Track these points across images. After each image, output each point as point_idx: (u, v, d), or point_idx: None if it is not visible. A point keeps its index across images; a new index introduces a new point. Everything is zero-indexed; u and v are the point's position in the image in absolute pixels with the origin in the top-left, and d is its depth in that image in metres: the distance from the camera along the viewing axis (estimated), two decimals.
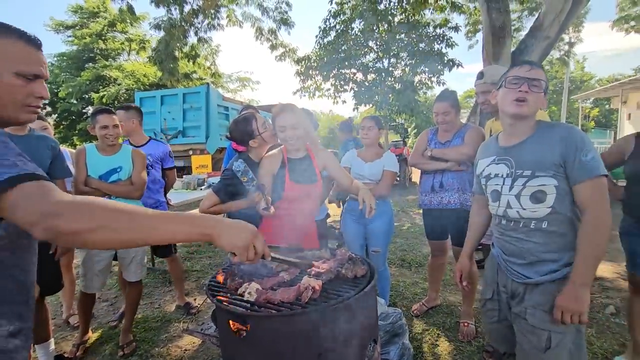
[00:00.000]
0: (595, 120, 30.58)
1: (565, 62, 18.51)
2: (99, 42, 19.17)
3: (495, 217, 1.53)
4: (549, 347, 1.34)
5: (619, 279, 3.54)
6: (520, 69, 1.38)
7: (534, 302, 1.38)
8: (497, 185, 1.47)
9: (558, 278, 1.35)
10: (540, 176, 1.33)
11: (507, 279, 1.50)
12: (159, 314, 3.08)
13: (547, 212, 1.34)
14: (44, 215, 0.71)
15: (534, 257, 1.39)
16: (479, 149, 1.68)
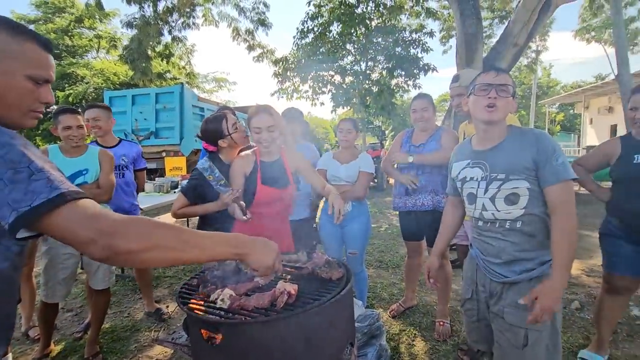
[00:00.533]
0: (560, 125, 32.21)
1: (532, 68, 19.42)
2: (64, 39, 18.28)
3: (472, 219, 1.57)
4: (526, 344, 1.38)
5: (583, 275, 3.72)
6: (487, 75, 1.42)
7: (511, 301, 1.42)
8: (472, 188, 1.50)
9: (534, 277, 1.40)
10: (514, 179, 1.38)
11: (485, 279, 1.53)
12: (128, 322, 2.94)
13: (520, 213, 1.39)
14: (102, 233, 0.70)
15: (510, 256, 1.43)
16: (453, 152, 1.71)
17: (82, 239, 0.70)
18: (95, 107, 2.79)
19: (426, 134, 2.64)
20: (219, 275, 1.44)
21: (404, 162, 2.59)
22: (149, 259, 0.76)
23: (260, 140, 1.93)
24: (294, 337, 1.14)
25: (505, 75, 1.41)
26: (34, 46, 0.81)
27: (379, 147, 12.82)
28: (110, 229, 0.71)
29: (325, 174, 2.73)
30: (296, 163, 2.06)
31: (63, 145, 2.31)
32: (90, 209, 0.72)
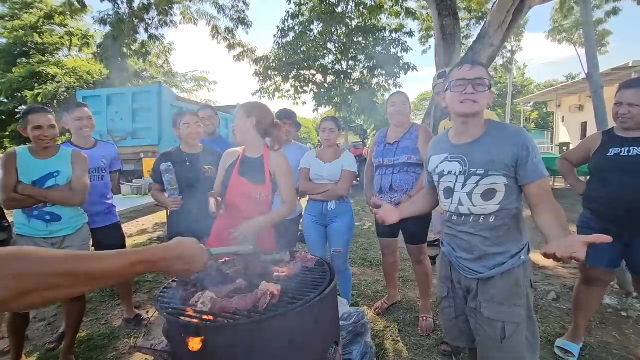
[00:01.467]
0: (535, 122, 33.41)
1: (508, 68, 20.01)
2: (33, 36, 17.46)
3: (446, 213, 1.58)
4: (504, 336, 1.40)
5: (559, 267, 3.86)
6: (461, 70, 1.41)
7: (487, 296, 1.45)
8: (450, 182, 1.50)
9: (506, 270, 1.42)
10: (492, 175, 1.38)
11: (460, 276, 1.55)
12: (105, 330, 2.83)
13: (495, 208, 1.41)
14: None
15: (482, 251, 1.45)
16: (430, 145, 1.69)
17: None
18: (85, 105, 2.70)
19: (401, 130, 2.66)
20: (199, 277, 1.40)
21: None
22: (26, 305, 0.63)
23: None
24: (277, 338, 1.12)
25: (479, 68, 1.39)
26: None
27: (361, 145, 12.90)
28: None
29: (308, 173, 2.72)
30: (275, 165, 2.00)
31: (33, 147, 2.20)
32: None
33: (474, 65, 1.39)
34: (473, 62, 1.42)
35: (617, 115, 2.03)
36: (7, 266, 0.60)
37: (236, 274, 1.45)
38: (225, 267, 1.50)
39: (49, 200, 2.16)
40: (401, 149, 2.59)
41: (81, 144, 2.67)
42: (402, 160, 2.58)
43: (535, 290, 3.25)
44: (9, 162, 2.11)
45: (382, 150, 2.69)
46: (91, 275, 0.70)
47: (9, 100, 16.42)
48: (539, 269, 3.83)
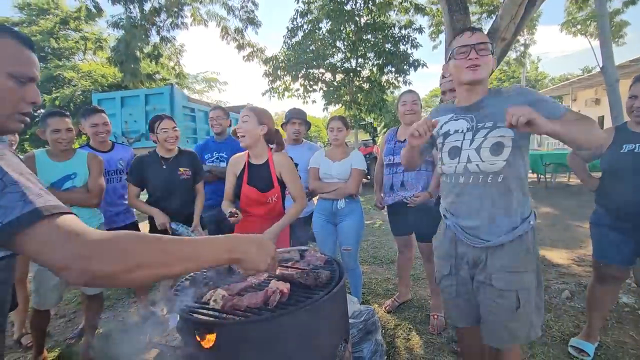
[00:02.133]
0: None
1: (521, 62, 19.60)
2: (50, 41, 17.95)
3: (451, 176, 1.52)
4: (519, 306, 1.39)
5: (573, 264, 3.79)
6: (462, 37, 1.41)
7: (498, 266, 1.42)
8: (457, 141, 1.48)
9: (517, 236, 1.40)
10: (501, 127, 1.37)
11: (467, 248, 1.51)
12: (122, 327, 2.92)
13: (503, 164, 1.39)
14: (76, 258, 0.63)
15: (489, 213, 1.42)
16: (431, 112, 1.70)
17: (56, 264, 0.63)
18: (102, 111, 2.78)
19: None
20: (211, 275, 1.44)
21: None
22: (133, 280, 0.69)
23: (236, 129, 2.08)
24: (287, 335, 1.14)
25: (480, 33, 1.40)
26: (12, 42, 0.77)
27: (371, 143, 12.85)
28: (85, 252, 0.63)
29: (317, 172, 2.74)
30: (280, 166, 2.10)
31: (51, 150, 2.28)
32: (67, 228, 0.65)
33: (474, 32, 1.40)
34: (472, 28, 1.42)
35: (632, 109, 1.98)
36: (123, 244, 0.68)
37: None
38: (236, 266, 1.53)
39: (68, 202, 2.23)
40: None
41: (98, 147, 2.76)
42: None
43: (548, 289, 3.21)
44: (28, 164, 2.18)
45: (393, 147, 2.69)
46: (192, 260, 0.77)
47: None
48: (553, 266, 3.77)
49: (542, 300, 1.47)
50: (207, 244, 0.81)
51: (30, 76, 0.80)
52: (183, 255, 0.75)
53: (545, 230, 5.20)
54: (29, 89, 0.80)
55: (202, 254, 0.79)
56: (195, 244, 0.79)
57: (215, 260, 0.83)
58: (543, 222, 5.69)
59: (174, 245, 0.75)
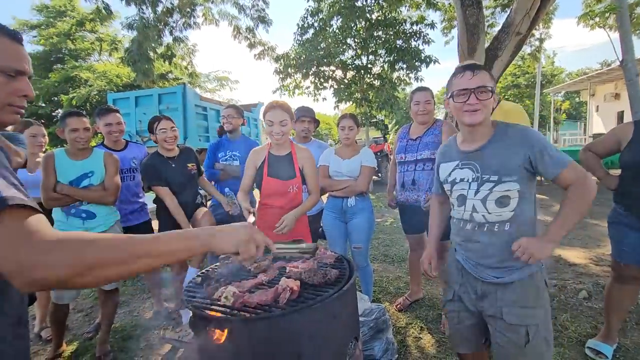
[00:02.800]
0: (566, 113, 31.81)
1: (536, 57, 19.10)
2: (67, 42, 18.39)
3: (459, 221, 1.53)
4: (528, 340, 1.37)
5: (590, 264, 3.69)
6: (462, 78, 1.37)
7: (509, 301, 1.40)
8: (462, 190, 1.48)
9: (527, 275, 1.39)
10: (506, 181, 1.35)
11: (476, 281, 1.49)
12: (137, 322, 2.99)
13: (510, 215, 1.38)
14: (23, 266, 0.59)
15: (500, 258, 1.41)
16: (439, 152, 1.68)
17: (5, 269, 0.59)
18: (117, 111, 2.85)
19: (424, 126, 2.63)
20: (222, 272, 1.46)
21: None
22: (89, 282, 0.66)
23: (272, 132, 2.09)
24: (297, 333, 1.15)
25: (481, 74, 1.36)
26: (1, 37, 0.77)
27: (382, 141, 12.77)
28: (31, 260, 0.59)
29: (327, 170, 2.74)
30: (303, 160, 2.18)
31: (69, 149, 2.35)
32: (23, 229, 0.61)
33: (474, 72, 1.35)
34: (473, 68, 1.37)
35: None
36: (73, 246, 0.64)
37: (257, 269, 1.50)
38: (247, 263, 1.54)
39: (84, 199, 2.30)
40: (424, 145, 2.57)
41: (112, 146, 2.83)
42: (424, 155, 2.55)
43: (565, 288, 3.14)
44: (48, 163, 2.27)
45: (405, 145, 2.67)
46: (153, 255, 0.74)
47: (46, 105, 17.40)
48: (569, 266, 3.68)
49: (551, 334, 1.45)
50: (167, 237, 0.78)
51: (19, 69, 0.79)
52: (139, 251, 0.72)
53: None
54: (19, 82, 0.80)
55: (165, 248, 0.76)
56: (154, 239, 0.76)
57: (182, 251, 0.79)
58: None
59: (133, 242, 0.72)
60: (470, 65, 1.41)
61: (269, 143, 2.21)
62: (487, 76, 1.37)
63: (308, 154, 2.22)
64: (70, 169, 2.30)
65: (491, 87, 1.35)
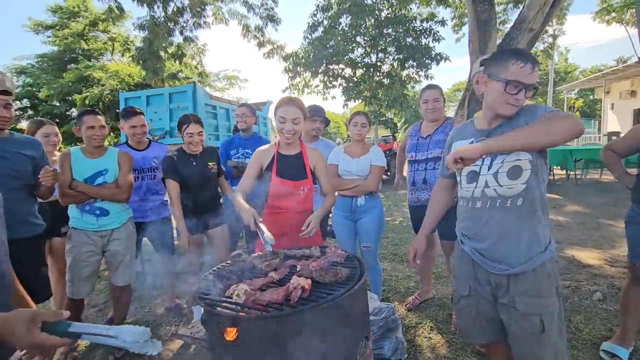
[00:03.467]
0: (580, 111, 31.14)
1: (549, 54, 18.76)
2: (81, 43, 18.73)
3: (469, 200, 1.49)
4: (543, 330, 1.36)
5: (605, 265, 3.62)
6: (523, 69, 1.30)
7: (521, 290, 1.39)
8: (475, 166, 1.45)
9: (538, 264, 1.37)
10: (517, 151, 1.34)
11: (488, 273, 1.47)
12: (149, 317, 3.04)
13: (522, 188, 1.36)
14: None
15: (510, 239, 1.38)
16: (454, 132, 1.67)
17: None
18: (141, 113, 2.91)
19: (435, 124, 2.61)
20: (234, 270, 1.47)
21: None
22: None
23: (283, 130, 1.97)
24: (308, 331, 1.15)
25: (537, 71, 1.33)
26: None
27: (391, 139, 12.70)
28: None
29: (336, 169, 2.73)
30: (315, 160, 2.09)
31: (84, 147, 2.40)
32: None
33: (535, 67, 1.31)
34: (534, 62, 1.31)
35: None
36: None
37: (268, 267, 1.50)
38: (258, 261, 1.56)
39: (98, 196, 2.35)
40: (434, 143, 2.55)
41: (136, 146, 2.91)
42: (435, 154, 2.53)
43: (579, 290, 3.08)
44: (64, 161, 2.32)
45: (416, 143, 2.65)
46: None
47: (60, 104, 17.75)
48: (583, 267, 3.61)
49: (564, 325, 1.44)
50: None
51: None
52: None
53: (575, 229, 4.99)
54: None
55: None
56: None
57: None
58: (572, 221, 5.46)
59: None
60: (532, 57, 1.34)
61: (276, 142, 2.10)
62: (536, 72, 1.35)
63: (320, 154, 2.13)
64: (86, 166, 2.35)
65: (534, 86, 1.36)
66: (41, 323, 0.83)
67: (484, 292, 1.51)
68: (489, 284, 1.49)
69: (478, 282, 1.53)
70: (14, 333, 0.80)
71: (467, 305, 1.59)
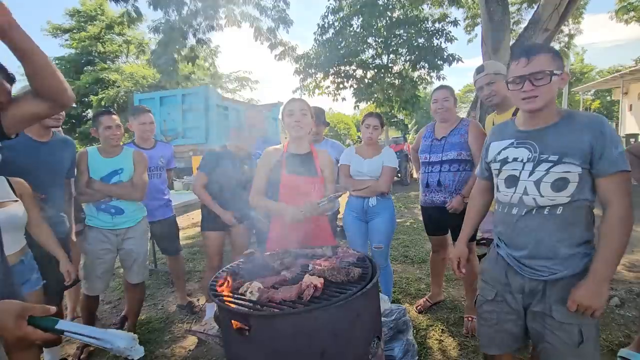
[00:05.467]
0: (596, 112, 30.45)
1: (565, 54, 18.39)
2: (97, 45, 19.20)
3: (505, 205, 1.42)
4: (582, 341, 1.29)
5: (623, 270, 3.52)
6: (517, 65, 1.30)
7: (558, 298, 1.31)
8: (514, 170, 1.37)
9: (578, 271, 1.29)
10: (567, 162, 1.25)
11: (522, 279, 1.40)
12: (162, 315, 3.08)
13: (565, 201, 1.27)
14: None
15: (548, 249, 1.32)
16: (492, 131, 1.58)
17: None
18: (149, 111, 2.96)
19: (448, 125, 2.58)
20: (247, 268, 1.48)
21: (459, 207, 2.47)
22: None
23: (291, 122, 1.95)
24: (320, 329, 1.16)
25: (537, 57, 1.26)
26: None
27: (402, 141, 12.63)
28: None
29: (348, 169, 2.74)
30: (324, 164, 2.07)
31: (101, 147, 2.46)
32: None
33: (529, 57, 1.27)
34: (528, 52, 1.28)
35: None
36: None
37: (280, 265, 1.52)
38: (271, 260, 1.57)
39: (114, 195, 2.40)
40: (449, 145, 2.53)
41: (143, 144, 2.95)
42: (451, 156, 2.51)
43: None
44: (81, 161, 2.38)
45: (430, 145, 2.63)
46: None
47: (77, 106, 18.22)
48: None
49: (599, 335, 1.38)
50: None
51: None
52: None
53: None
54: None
55: None
56: None
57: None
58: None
59: None
60: (526, 50, 1.31)
61: (285, 143, 2.10)
62: (546, 58, 1.26)
63: (329, 158, 2.11)
64: (102, 166, 2.41)
65: (551, 71, 1.26)
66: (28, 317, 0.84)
67: (512, 301, 1.44)
68: (522, 291, 1.41)
69: (509, 289, 1.45)
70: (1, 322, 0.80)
71: (489, 310, 1.53)
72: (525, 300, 1.41)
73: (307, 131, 2.03)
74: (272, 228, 2.05)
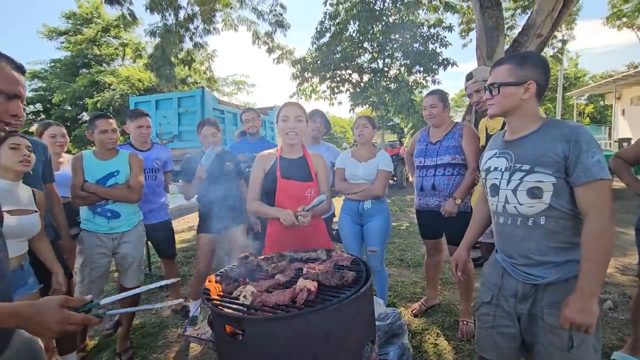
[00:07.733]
0: (590, 117, 30.73)
1: (558, 59, 18.61)
2: (93, 48, 19.16)
3: (494, 214, 1.48)
4: (572, 346, 1.29)
5: (616, 273, 3.55)
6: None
7: (549, 301, 1.32)
8: (495, 179, 1.44)
9: (570, 276, 1.30)
10: (539, 172, 1.28)
11: (515, 282, 1.42)
12: (156, 319, 3.06)
13: (543, 207, 1.30)
14: None
15: (538, 256, 1.34)
16: (488, 142, 1.64)
17: None
18: (147, 114, 2.94)
19: (442, 129, 2.61)
20: (241, 272, 1.48)
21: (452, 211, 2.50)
22: None
23: (286, 129, 1.96)
24: (314, 333, 1.16)
25: (497, 69, 1.40)
26: (6, 66, 0.93)
27: (397, 144, 12.68)
28: None
29: (343, 173, 2.74)
30: (318, 167, 2.09)
31: (96, 150, 2.45)
32: None
33: (493, 69, 1.43)
34: (495, 64, 1.44)
35: None
36: None
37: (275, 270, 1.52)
38: (265, 264, 1.57)
39: (109, 197, 2.38)
40: (444, 149, 2.55)
41: (140, 146, 2.94)
42: (445, 160, 2.53)
43: None
44: (76, 164, 2.37)
45: (424, 149, 2.65)
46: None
47: (72, 108, 18.13)
48: None
49: (600, 342, 1.35)
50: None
51: (15, 93, 0.93)
52: None
53: None
54: (13, 103, 0.93)
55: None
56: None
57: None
58: None
59: None
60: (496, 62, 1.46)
61: (279, 147, 2.11)
62: (504, 69, 1.37)
63: (322, 160, 2.13)
64: (97, 168, 2.39)
65: (500, 83, 1.36)
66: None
67: (506, 304, 1.46)
68: (514, 295, 1.43)
69: (502, 292, 1.48)
70: (42, 315, 0.86)
71: (485, 313, 1.55)
72: (518, 305, 1.43)
73: (301, 138, 2.06)
74: (268, 231, 2.05)
